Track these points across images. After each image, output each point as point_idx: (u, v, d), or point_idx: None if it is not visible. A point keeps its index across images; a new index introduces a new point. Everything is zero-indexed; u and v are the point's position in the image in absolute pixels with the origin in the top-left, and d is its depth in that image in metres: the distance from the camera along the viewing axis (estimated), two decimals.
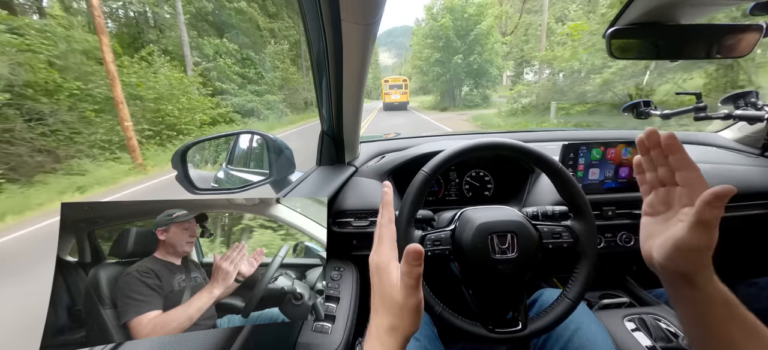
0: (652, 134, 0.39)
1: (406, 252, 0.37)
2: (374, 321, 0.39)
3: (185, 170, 0.87)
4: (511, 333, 0.55)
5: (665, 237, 0.39)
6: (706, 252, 0.37)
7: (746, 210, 0.98)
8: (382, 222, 0.44)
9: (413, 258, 0.37)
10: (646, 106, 1.22)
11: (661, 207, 0.41)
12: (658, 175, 0.41)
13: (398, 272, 0.39)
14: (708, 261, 0.37)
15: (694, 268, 0.37)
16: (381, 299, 0.40)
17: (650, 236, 0.42)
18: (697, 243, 0.36)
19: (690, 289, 0.38)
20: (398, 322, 0.38)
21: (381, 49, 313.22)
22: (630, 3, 0.69)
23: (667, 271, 0.39)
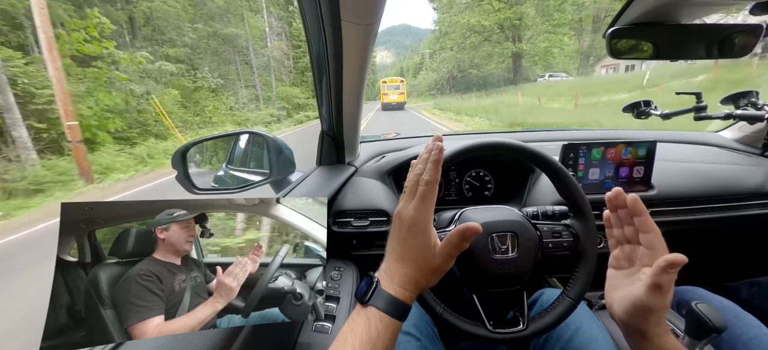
0: (618, 195, 0.43)
1: (466, 227, 0.39)
2: (397, 269, 0.40)
3: (185, 170, 0.87)
4: (513, 333, 0.55)
5: (625, 294, 0.42)
6: (660, 311, 0.39)
7: (746, 210, 0.98)
8: (428, 180, 0.41)
9: (471, 235, 0.40)
10: (647, 105, 1.22)
11: (624, 263, 0.45)
12: (625, 233, 0.44)
13: (435, 236, 0.41)
14: (661, 319, 0.40)
15: (648, 326, 0.40)
16: (411, 254, 0.41)
17: (613, 288, 0.45)
18: (652, 304, 0.39)
19: (644, 343, 0.41)
20: (424, 279, 0.40)
21: (380, 47, 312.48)
22: (630, 3, 0.69)
23: (625, 324, 0.43)
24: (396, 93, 23.37)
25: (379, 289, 0.40)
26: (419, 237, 0.40)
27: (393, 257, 0.42)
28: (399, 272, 0.40)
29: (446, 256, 0.40)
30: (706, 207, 0.96)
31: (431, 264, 0.40)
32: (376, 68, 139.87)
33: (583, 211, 0.60)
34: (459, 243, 0.40)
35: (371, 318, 0.38)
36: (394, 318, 0.38)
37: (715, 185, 0.99)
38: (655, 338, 0.40)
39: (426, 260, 0.40)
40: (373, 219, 0.89)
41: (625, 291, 0.42)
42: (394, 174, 1.02)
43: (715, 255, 1.17)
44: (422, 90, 45.56)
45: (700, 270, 1.02)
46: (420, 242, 0.40)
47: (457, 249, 0.40)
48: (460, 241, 0.40)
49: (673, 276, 0.38)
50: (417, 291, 0.41)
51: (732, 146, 1.23)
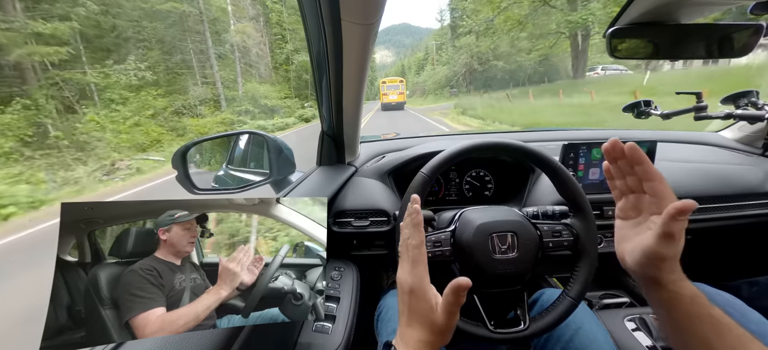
0: (614, 145, 0.42)
1: (456, 286, 0.40)
2: (411, 334, 0.41)
3: (185, 170, 0.87)
4: (514, 333, 0.55)
5: (635, 244, 0.42)
6: (672, 259, 0.39)
7: (747, 210, 0.98)
8: (414, 244, 0.44)
9: (462, 291, 0.40)
10: (647, 105, 1.22)
11: (632, 213, 0.44)
12: (628, 183, 0.43)
13: (435, 296, 0.42)
14: (674, 266, 0.39)
15: (662, 274, 0.39)
16: (417, 318, 0.42)
17: (623, 239, 0.44)
18: (664, 253, 0.38)
19: (659, 290, 0.40)
20: (436, 339, 0.41)
21: (380, 47, 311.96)
22: (630, 3, 0.69)
23: (638, 275, 0.42)
24: (396, 93, 23.38)
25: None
26: (421, 300, 0.41)
27: (403, 323, 0.43)
28: (412, 337, 0.41)
29: (448, 314, 0.41)
30: (706, 207, 0.96)
31: (438, 325, 0.41)
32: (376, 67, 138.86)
33: (583, 210, 0.60)
34: (455, 300, 0.40)
35: None
36: None
37: (715, 185, 0.99)
38: (671, 284, 0.39)
39: (432, 321, 0.41)
40: (373, 220, 0.89)
41: (635, 241, 0.41)
42: (394, 174, 1.02)
43: (715, 254, 1.17)
44: (431, 87, 37.02)
45: (701, 270, 1.02)
46: (422, 305, 0.41)
47: (456, 306, 0.40)
48: (455, 297, 0.40)
49: (683, 223, 0.37)
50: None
51: (732, 146, 1.23)
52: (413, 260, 0.43)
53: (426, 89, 40.57)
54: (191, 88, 16.19)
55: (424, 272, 0.43)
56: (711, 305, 0.39)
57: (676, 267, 0.40)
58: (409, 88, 53.44)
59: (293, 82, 26.12)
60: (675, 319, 0.40)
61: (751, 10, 0.74)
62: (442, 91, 33.62)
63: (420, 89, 46.16)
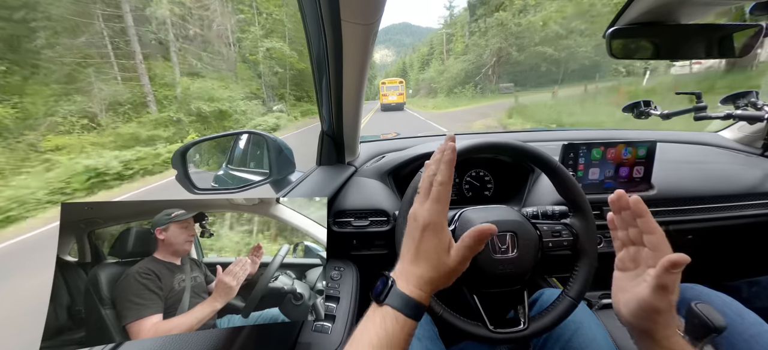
0: (620, 197, 0.43)
1: (480, 230, 0.39)
2: (413, 269, 0.40)
3: (185, 170, 0.87)
4: (513, 333, 0.55)
5: (631, 295, 0.42)
6: (667, 312, 0.40)
7: (747, 210, 0.98)
8: (442, 180, 0.42)
9: (485, 237, 0.40)
10: (646, 105, 1.22)
11: (630, 265, 0.45)
12: (629, 235, 0.45)
13: (450, 237, 0.42)
14: (669, 321, 0.40)
15: (656, 327, 0.40)
16: (426, 254, 0.40)
17: (619, 290, 0.45)
18: (658, 304, 0.39)
19: (652, 344, 0.41)
20: (439, 279, 0.40)
21: (380, 46, 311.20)
22: (630, 3, 0.69)
23: (633, 326, 0.43)
24: (395, 93, 23.40)
25: (395, 289, 0.40)
26: (434, 237, 0.40)
27: (408, 258, 0.42)
28: (414, 273, 0.40)
29: (461, 258, 0.40)
30: (706, 207, 0.96)
31: (446, 265, 0.40)
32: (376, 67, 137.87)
33: (582, 210, 0.60)
34: (474, 245, 0.40)
35: (386, 317, 0.38)
36: (409, 317, 0.38)
37: (715, 185, 0.99)
38: (664, 340, 0.40)
39: (441, 261, 0.40)
40: (373, 219, 0.89)
41: (631, 292, 0.42)
42: (394, 174, 1.02)
43: (715, 255, 1.17)
44: (443, 85, 29.07)
45: (700, 270, 1.02)
46: (435, 242, 0.40)
47: (472, 251, 0.40)
48: (475, 243, 0.40)
49: (677, 277, 0.38)
50: (432, 291, 0.41)
51: (732, 146, 1.23)
52: (436, 197, 0.41)
53: (434, 88, 33.45)
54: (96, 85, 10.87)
55: (444, 211, 0.41)
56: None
57: (670, 321, 0.40)
58: (412, 86, 49.15)
59: (267, 77, 21.29)
60: None
61: (751, 10, 0.74)
62: (460, 89, 26.03)
63: (425, 87, 39.07)
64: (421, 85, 42.11)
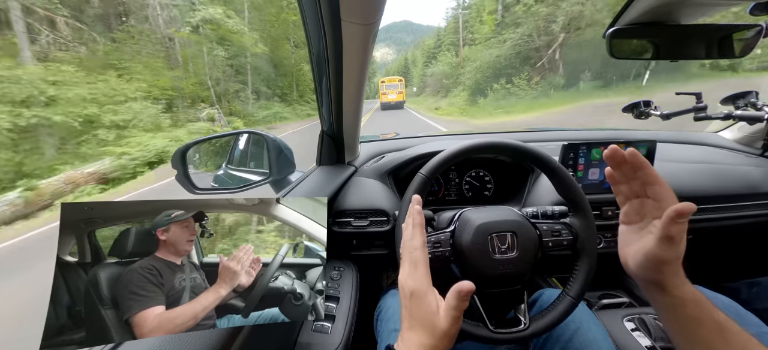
0: (615, 152, 0.42)
1: (459, 289, 0.39)
2: (412, 338, 0.40)
3: (185, 170, 0.87)
4: (514, 333, 0.55)
5: (637, 248, 0.42)
6: (674, 262, 0.39)
7: (747, 211, 0.98)
8: (415, 245, 0.43)
9: (465, 295, 0.39)
10: (646, 106, 1.22)
11: (635, 217, 0.44)
12: (632, 188, 0.44)
13: (437, 299, 0.41)
14: (677, 270, 0.39)
15: (664, 277, 0.40)
16: (420, 321, 0.40)
17: (625, 244, 0.45)
18: (665, 255, 0.39)
19: (662, 295, 0.40)
20: (438, 343, 0.40)
21: (381, 44, 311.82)
22: (630, 3, 0.69)
23: (641, 278, 0.43)
24: (394, 92, 23.44)
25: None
26: (422, 303, 0.40)
27: (405, 327, 0.42)
28: (413, 341, 0.40)
29: (451, 319, 0.39)
30: (706, 207, 0.96)
31: (441, 329, 0.39)
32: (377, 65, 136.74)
33: (582, 210, 0.60)
34: (459, 304, 0.39)
35: None
36: None
37: (714, 185, 0.99)
38: (673, 289, 0.39)
39: (434, 325, 0.40)
40: (373, 220, 0.89)
41: (637, 245, 0.42)
42: (393, 174, 1.02)
43: (715, 255, 1.17)
44: (470, 80, 20.00)
45: (700, 270, 1.02)
46: (424, 308, 0.40)
47: (459, 310, 0.39)
48: (459, 302, 0.39)
49: (683, 226, 0.37)
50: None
51: (732, 146, 1.23)
52: (414, 262, 0.42)
53: (446, 84, 25.96)
54: None
55: (426, 274, 0.42)
56: (715, 309, 0.39)
57: (679, 271, 0.40)
58: (416, 84, 44.16)
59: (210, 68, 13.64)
60: (679, 324, 0.40)
61: (751, 10, 0.74)
62: (487, 84, 17.90)
63: (434, 84, 30.15)
64: (428, 82, 34.42)
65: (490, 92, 17.52)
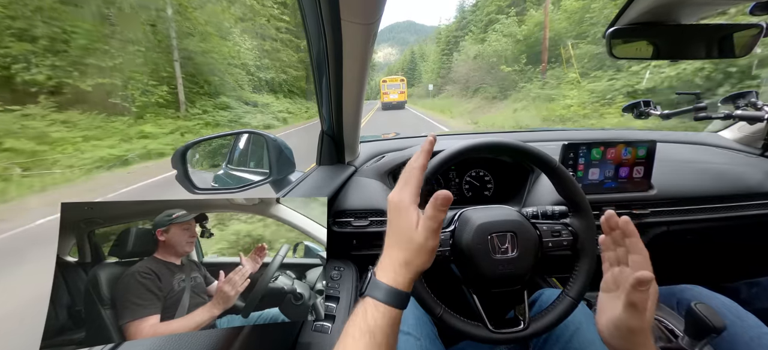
0: (610, 218, 0.44)
1: (435, 197, 0.40)
2: (389, 254, 0.42)
3: (185, 170, 0.87)
4: (513, 333, 0.55)
5: (609, 315, 0.43)
6: (641, 332, 0.40)
7: (746, 211, 0.98)
8: (414, 164, 0.44)
9: (441, 203, 0.40)
10: (646, 106, 1.22)
11: (612, 285, 0.45)
12: (616, 255, 0.45)
13: (418, 215, 0.42)
14: (645, 341, 0.40)
15: (633, 347, 0.40)
16: (397, 236, 0.41)
17: (600, 311, 0.46)
18: (631, 323, 0.40)
19: None
20: (414, 258, 0.41)
21: (384, 44, 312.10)
22: (630, 3, 0.69)
23: (613, 347, 0.44)
24: (396, 92, 23.47)
25: (374, 279, 0.40)
26: (402, 216, 0.42)
27: (386, 245, 0.43)
28: (390, 258, 0.41)
29: (428, 231, 0.40)
30: (705, 207, 0.96)
31: (416, 242, 0.40)
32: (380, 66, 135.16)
33: (582, 209, 0.60)
34: (435, 214, 0.40)
35: (368, 308, 0.38)
36: (390, 305, 0.38)
37: (714, 185, 0.99)
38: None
39: (411, 238, 0.41)
40: (373, 219, 0.89)
41: (608, 313, 0.43)
42: (394, 174, 1.02)
43: (715, 255, 1.17)
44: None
45: (700, 270, 1.02)
46: (403, 221, 0.41)
47: (436, 221, 0.40)
48: (436, 212, 0.40)
49: (644, 295, 0.38)
50: (410, 274, 0.41)
51: (732, 146, 1.23)
52: (407, 179, 0.44)
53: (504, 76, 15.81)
54: None
55: (414, 192, 0.43)
56: None
57: (648, 341, 0.41)
58: (432, 80, 36.46)
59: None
60: None
61: (751, 10, 0.74)
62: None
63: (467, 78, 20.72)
64: (453, 77, 24.17)
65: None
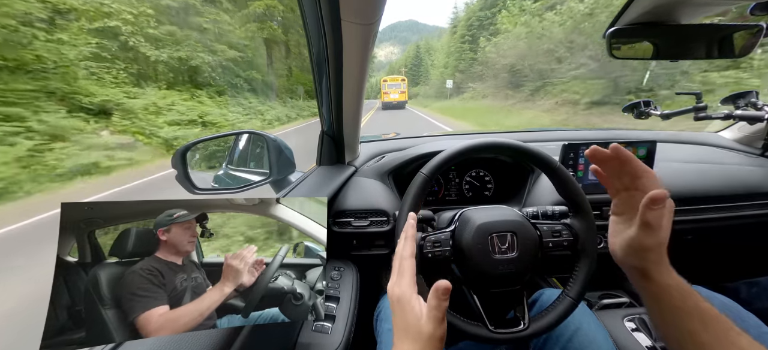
0: (595, 152, 0.45)
1: (435, 288, 0.39)
2: (399, 347, 0.41)
3: (185, 170, 0.87)
4: (514, 333, 0.55)
5: (622, 237, 0.44)
6: (656, 249, 0.40)
7: (746, 210, 0.98)
8: (404, 254, 0.45)
9: (442, 294, 0.39)
10: (646, 106, 1.22)
11: (624, 209, 0.46)
12: (622, 182, 0.45)
13: (421, 305, 0.42)
14: (660, 258, 0.41)
15: (647, 264, 0.41)
16: (405, 330, 0.41)
17: (613, 234, 0.47)
18: (646, 242, 0.40)
19: (646, 282, 0.42)
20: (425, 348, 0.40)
21: (386, 43, 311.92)
22: (630, 3, 0.69)
23: (626, 266, 0.45)
24: (397, 91, 23.42)
25: None
26: (407, 310, 0.41)
27: (395, 338, 0.42)
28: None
29: (434, 321, 0.39)
30: (705, 207, 0.96)
31: (425, 333, 0.39)
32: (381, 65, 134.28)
33: (582, 210, 0.60)
34: (438, 304, 0.39)
35: None
36: None
37: (714, 185, 0.99)
38: (657, 276, 0.41)
39: (419, 330, 0.40)
40: (373, 220, 0.89)
41: (623, 234, 0.44)
42: (394, 174, 1.02)
43: (715, 255, 1.17)
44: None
45: (700, 270, 1.02)
46: (409, 315, 0.41)
47: (440, 310, 0.40)
48: (438, 301, 0.40)
49: (659, 212, 0.39)
50: None
51: (732, 146, 1.23)
52: (401, 271, 0.44)
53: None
54: None
55: (411, 283, 0.43)
56: (699, 298, 0.40)
57: (662, 259, 0.41)
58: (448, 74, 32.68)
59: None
60: (662, 311, 0.41)
61: (751, 10, 0.74)
62: None
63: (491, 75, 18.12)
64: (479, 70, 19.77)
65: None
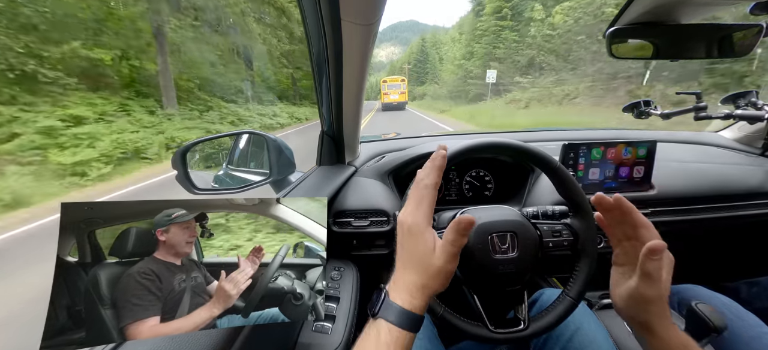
0: (600, 200, 0.45)
1: (458, 220, 0.39)
2: (403, 276, 0.40)
3: (185, 170, 0.87)
4: (514, 333, 0.55)
5: (624, 288, 0.44)
6: (658, 301, 0.40)
7: (746, 210, 0.98)
8: (427, 183, 0.42)
9: (464, 228, 0.39)
10: (646, 105, 1.22)
11: (624, 259, 0.46)
12: (623, 231, 0.45)
13: (434, 237, 0.41)
14: (662, 310, 0.40)
15: (650, 317, 0.41)
16: (412, 259, 0.40)
17: (615, 285, 0.46)
18: (647, 293, 0.40)
19: (650, 336, 0.41)
20: (431, 282, 0.39)
21: (387, 43, 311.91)
22: (630, 3, 0.69)
23: (629, 318, 0.44)
24: (397, 92, 23.37)
25: (388, 300, 0.39)
26: (418, 240, 0.40)
27: (399, 265, 0.41)
28: (405, 280, 0.40)
29: (447, 255, 0.39)
30: (706, 207, 0.96)
31: (434, 266, 0.39)
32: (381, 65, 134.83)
33: (582, 210, 0.60)
34: (457, 239, 0.39)
35: (381, 330, 0.37)
36: (404, 329, 0.37)
37: (715, 185, 0.99)
38: (661, 330, 0.40)
39: (428, 262, 0.39)
40: (373, 220, 0.89)
41: (624, 286, 0.44)
42: (394, 174, 1.02)
43: (715, 255, 1.17)
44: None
45: (700, 270, 1.02)
46: (419, 245, 0.40)
47: (456, 246, 0.39)
48: (458, 236, 0.39)
49: (658, 264, 0.39)
50: (426, 297, 0.40)
51: (732, 146, 1.23)
52: (419, 199, 0.41)
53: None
54: None
55: (428, 213, 0.41)
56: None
57: (665, 312, 0.41)
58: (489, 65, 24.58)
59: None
60: None
61: (751, 10, 0.74)
62: None
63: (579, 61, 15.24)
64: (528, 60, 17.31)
65: None
